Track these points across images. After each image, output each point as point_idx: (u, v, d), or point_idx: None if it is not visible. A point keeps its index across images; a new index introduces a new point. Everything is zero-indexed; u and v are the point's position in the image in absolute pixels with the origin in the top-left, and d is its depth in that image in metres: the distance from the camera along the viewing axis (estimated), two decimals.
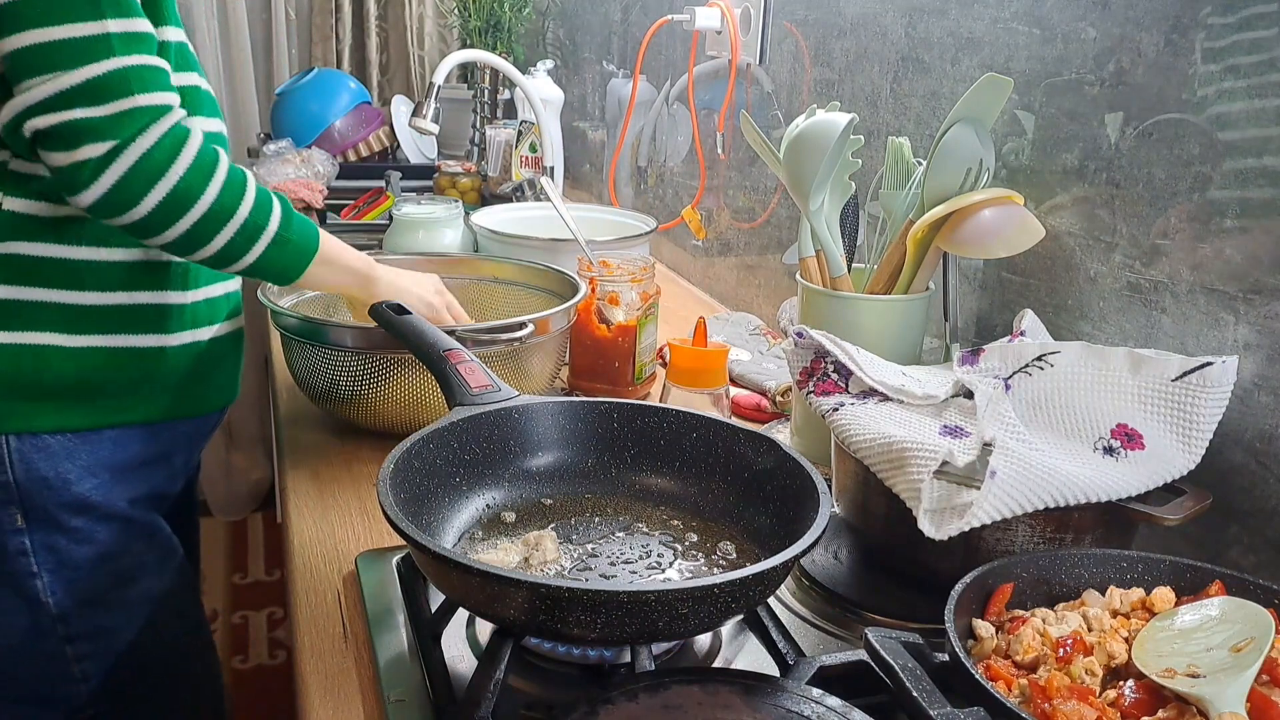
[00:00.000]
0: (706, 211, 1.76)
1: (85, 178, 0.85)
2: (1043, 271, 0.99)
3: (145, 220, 0.88)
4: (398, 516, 0.67)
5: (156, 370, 1.04)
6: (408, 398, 1.07)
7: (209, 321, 1.09)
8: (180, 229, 0.89)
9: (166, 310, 1.03)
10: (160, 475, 1.10)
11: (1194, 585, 0.69)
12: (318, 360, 1.08)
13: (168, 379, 1.05)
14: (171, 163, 0.87)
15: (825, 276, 1.04)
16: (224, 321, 1.11)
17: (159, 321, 1.03)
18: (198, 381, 1.09)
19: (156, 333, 1.03)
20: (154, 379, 1.04)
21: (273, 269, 0.98)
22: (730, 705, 0.59)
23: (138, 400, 1.03)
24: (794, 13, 1.44)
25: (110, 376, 1.01)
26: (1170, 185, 0.85)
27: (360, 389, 1.07)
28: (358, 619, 0.80)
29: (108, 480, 1.03)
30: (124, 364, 1.01)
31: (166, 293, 1.03)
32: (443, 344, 0.92)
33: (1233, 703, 0.56)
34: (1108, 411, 0.80)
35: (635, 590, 0.62)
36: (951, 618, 0.64)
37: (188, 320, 1.05)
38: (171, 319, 1.04)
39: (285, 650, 2.35)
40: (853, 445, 0.80)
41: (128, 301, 1.00)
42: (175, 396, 1.07)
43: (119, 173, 0.85)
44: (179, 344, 1.05)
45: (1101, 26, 0.91)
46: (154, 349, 1.03)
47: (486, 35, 2.57)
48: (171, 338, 1.04)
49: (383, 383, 1.06)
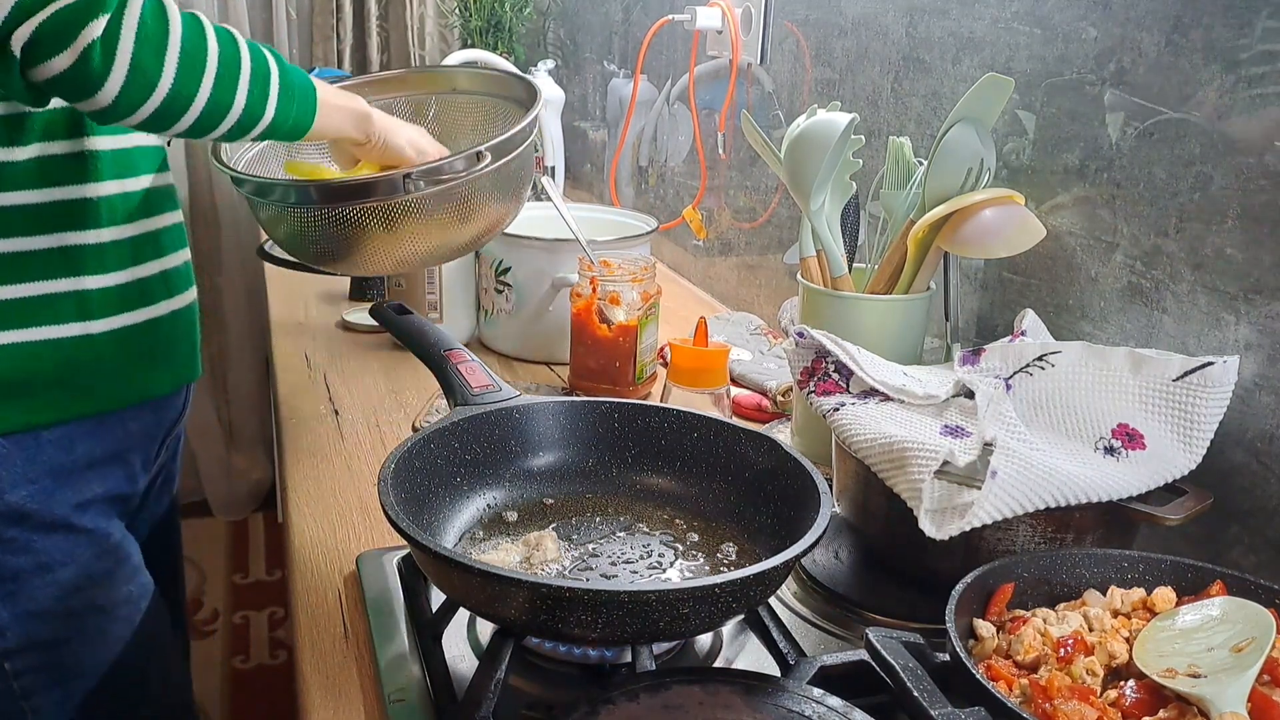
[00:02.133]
0: (707, 211, 1.76)
1: (97, 65, 0.76)
2: (1043, 271, 0.99)
3: (172, 94, 0.79)
4: (398, 516, 0.67)
5: (85, 360, 0.95)
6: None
7: (143, 303, 1.00)
8: (204, 94, 0.81)
9: (86, 296, 0.94)
10: (116, 476, 1.02)
11: (1195, 585, 0.69)
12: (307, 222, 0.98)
13: (103, 366, 0.97)
14: (166, 21, 0.79)
15: (826, 276, 1.04)
16: (163, 301, 1.03)
17: (79, 308, 0.94)
18: (144, 365, 1.01)
19: (78, 320, 0.94)
20: (85, 369, 0.95)
21: (288, 121, 0.88)
22: (731, 705, 0.59)
23: (73, 393, 0.95)
24: (795, 12, 1.44)
25: (33, 372, 0.92)
26: (1171, 185, 0.85)
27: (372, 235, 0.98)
28: (359, 619, 0.80)
29: (49, 485, 0.95)
30: (44, 357, 0.92)
31: (83, 278, 0.94)
32: (444, 344, 0.92)
33: (1234, 703, 0.56)
34: (1109, 411, 0.80)
35: (636, 590, 0.63)
36: (952, 618, 0.64)
37: (113, 304, 0.97)
38: (93, 304, 0.95)
39: (286, 650, 2.35)
40: (853, 445, 0.80)
41: (40, 292, 0.92)
42: (118, 383, 0.99)
43: (129, 45, 0.77)
44: (107, 329, 0.96)
45: (1102, 26, 0.91)
46: (77, 338, 0.94)
47: (487, 35, 2.57)
48: (96, 324, 0.95)
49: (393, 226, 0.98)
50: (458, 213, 0.99)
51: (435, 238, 1.01)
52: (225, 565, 2.69)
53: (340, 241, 0.98)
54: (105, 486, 1.00)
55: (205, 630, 2.41)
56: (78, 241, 0.93)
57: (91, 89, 0.77)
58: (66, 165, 0.92)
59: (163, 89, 0.79)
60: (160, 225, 1.03)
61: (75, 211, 0.93)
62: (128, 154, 0.98)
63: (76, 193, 0.93)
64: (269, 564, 2.69)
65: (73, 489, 0.97)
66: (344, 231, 0.96)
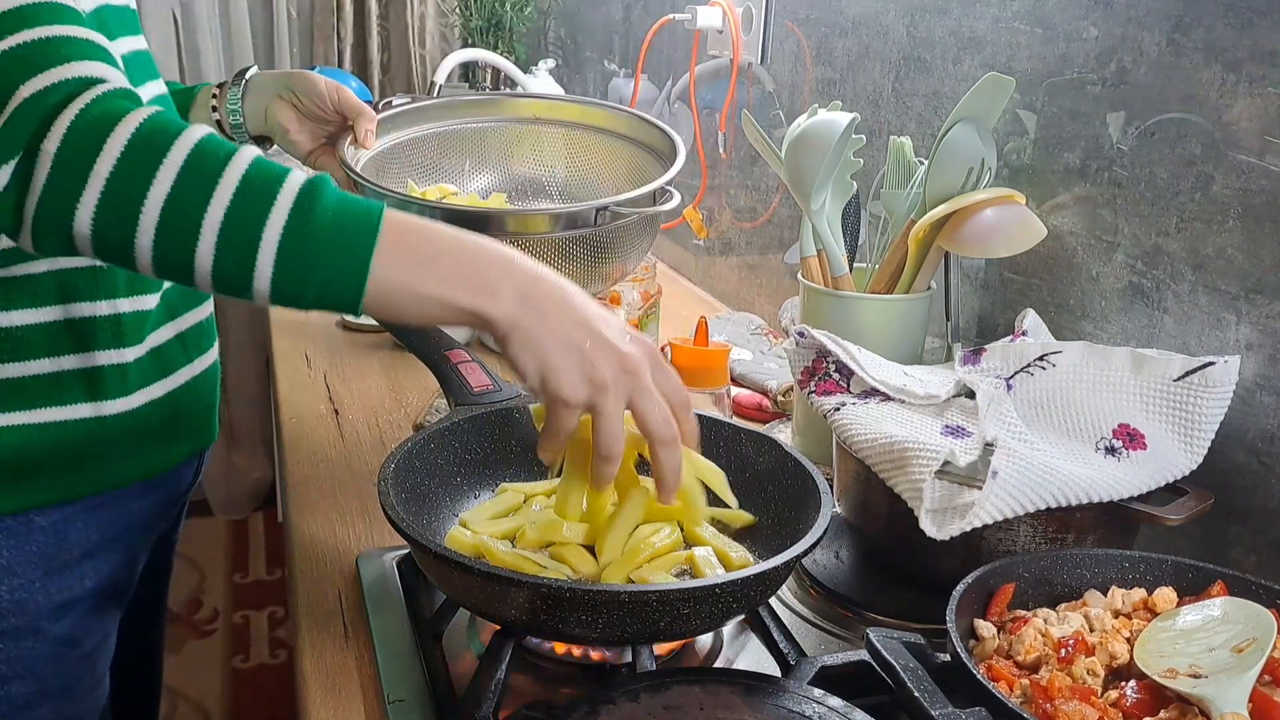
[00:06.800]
0: (708, 211, 1.76)
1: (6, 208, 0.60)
2: (1044, 271, 0.99)
3: (96, 245, 0.60)
4: (399, 516, 0.67)
5: (93, 442, 0.84)
6: None
7: (160, 375, 0.88)
8: (142, 252, 0.59)
9: (98, 373, 0.83)
10: (114, 563, 0.89)
11: (1196, 585, 0.69)
12: None
13: (112, 448, 0.85)
14: (94, 156, 0.58)
15: (827, 276, 1.04)
16: (186, 367, 0.92)
17: (91, 387, 0.83)
18: (157, 441, 0.89)
19: (89, 400, 0.83)
20: (92, 451, 0.84)
21: (310, 289, 0.59)
22: (731, 705, 0.59)
23: (74, 475, 0.84)
24: (795, 12, 1.44)
25: (33, 455, 0.81)
26: (1172, 185, 0.85)
27: None
28: (359, 618, 0.80)
29: (33, 579, 0.83)
30: (48, 440, 0.81)
31: (95, 354, 0.82)
32: (444, 344, 0.91)
33: (1235, 703, 0.56)
34: (1109, 411, 0.79)
35: (636, 590, 0.63)
36: (953, 618, 0.64)
37: (132, 381, 0.85)
38: (107, 382, 0.83)
39: (286, 649, 2.35)
40: (854, 445, 0.80)
41: (51, 370, 0.81)
42: (126, 463, 0.87)
43: (37, 190, 0.59)
44: (121, 410, 0.85)
45: (1103, 26, 0.91)
46: (88, 419, 0.83)
47: (488, 34, 2.57)
48: (108, 405, 0.84)
49: None
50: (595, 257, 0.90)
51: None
52: (225, 565, 2.69)
53: None
54: (99, 578, 0.88)
55: (205, 630, 2.41)
56: (88, 313, 0.82)
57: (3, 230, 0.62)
58: None
59: (80, 237, 0.60)
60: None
61: (85, 280, 0.81)
62: None
63: (85, 260, 0.80)
64: (269, 564, 2.69)
65: (60, 585, 0.85)
66: None
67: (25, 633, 0.84)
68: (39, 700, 0.86)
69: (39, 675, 0.85)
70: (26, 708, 0.85)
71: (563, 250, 0.88)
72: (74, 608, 0.87)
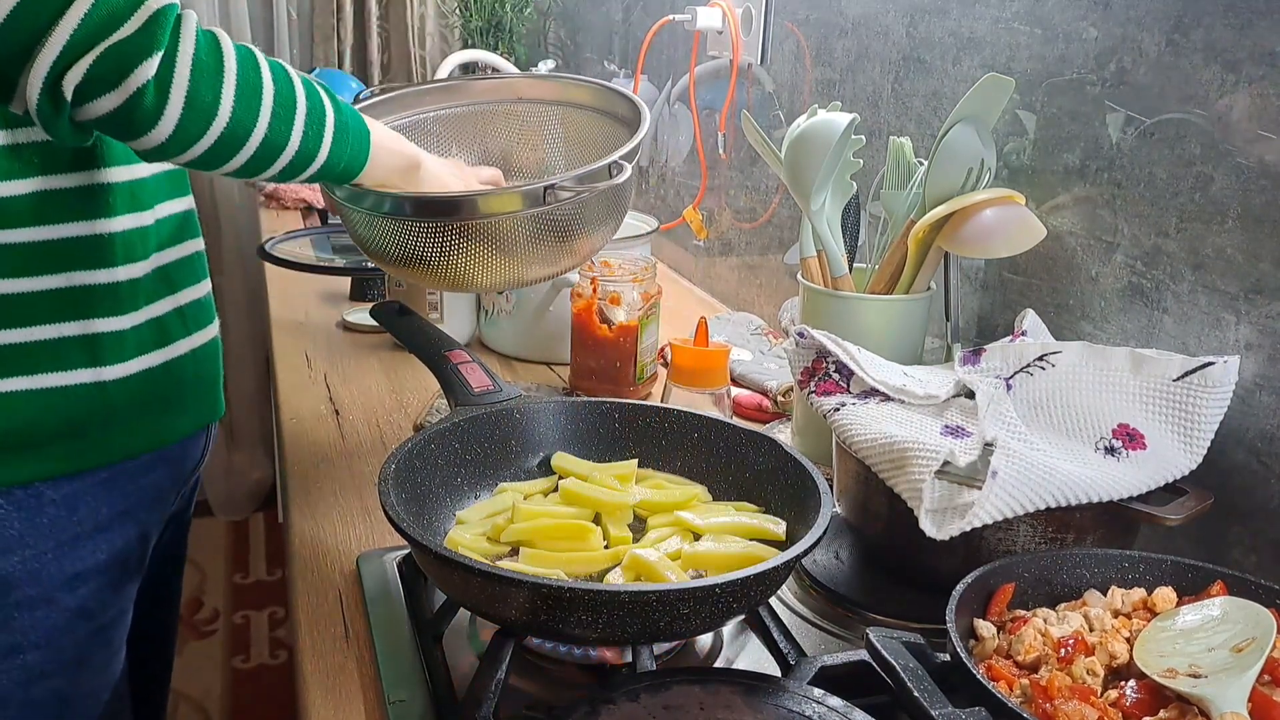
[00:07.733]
0: (708, 211, 1.76)
1: (150, 105, 0.71)
2: (1044, 271, 0.99)
3: (227, 132, 0.75)
4: (399, 516, 0.67)
5: (96, 409, 0.87)
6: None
7: (158, 345, 0.92)
8: (259, 132, 0.76)
9: (97, 340, 0.86)
10: (126, 536, 0.92)
11: (1196, 585, 0.69)
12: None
13: (116, 416, 0.88)
14: (221, 57, 0.74)
15: (826, 276, 1.04)
16: (184, 339, 0.95)
17: (91, 354, 0.86)
18: (161, 411, 0.93)
19: (89, 366, 0.86)
20: (96, 419, 0.87)
21: (340, 163, 0.84)
22: (731, 705, 0.59)
23: (82, 446, 0.87)
24: (795, 12, 1.44)
25: (38, 424, 0.84)
26: (1172, 185, 0.85)
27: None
28: (359, 619, 0.80)
29: (46, 551, 0.86)
30: (51, 407, 0.84)
31: (93, 321, 0.86)
32: (444, 344, 0.92)
33: (1234, 703, 0.56)
34: (1109, 411, 0.80)
35: (636, 590, 0.63)
36: (953, 618, 0.64)
37: (129, 348, 0.89)
38: (105, 348, 0.87)
39: (286, 650, 2.35)
40: (854, 445, 0.80)
41: (46, 336, 0.84)
42: (132, 433, 0.90)
43: (184, 84, 0.72)
44: (121, 375, 0.88)
45: (1103, 26, 0.91)
46: (88, 386, 0.86)
47: (488, 35, 2.58)
48: (107, 370, 0.87)
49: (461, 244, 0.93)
50: (560, 234, 0.94)
51: (534, 266, 0.96)
52: (226, 565, 2.69)
53: (431, 253, 0.93)
54: (111, 551, 0.91)
55: (205, 630, 2.42)
56: (87, 281, 0.86)
57: (144, 128, 0.72)
58: (73, 200, 0.84)
59: (218, 127, 0.75)
60: (179, 256, 0.96)
61: (84, 249, 0.85)
62: (142, 184, 0.90)
63: (85, 229, 0.85)
64: (269, 564, 2.69)
65: (72, 557, 0.88)
66: (438, 243, 0.92)
67: (39, 602, 0.86)
68: (55, 670, 0.89)
69: (55, 645, 0.88)
70: (43, 677, 0.88)
71: (526, 229, 0.91)
72: (87, 580, 0.89)
